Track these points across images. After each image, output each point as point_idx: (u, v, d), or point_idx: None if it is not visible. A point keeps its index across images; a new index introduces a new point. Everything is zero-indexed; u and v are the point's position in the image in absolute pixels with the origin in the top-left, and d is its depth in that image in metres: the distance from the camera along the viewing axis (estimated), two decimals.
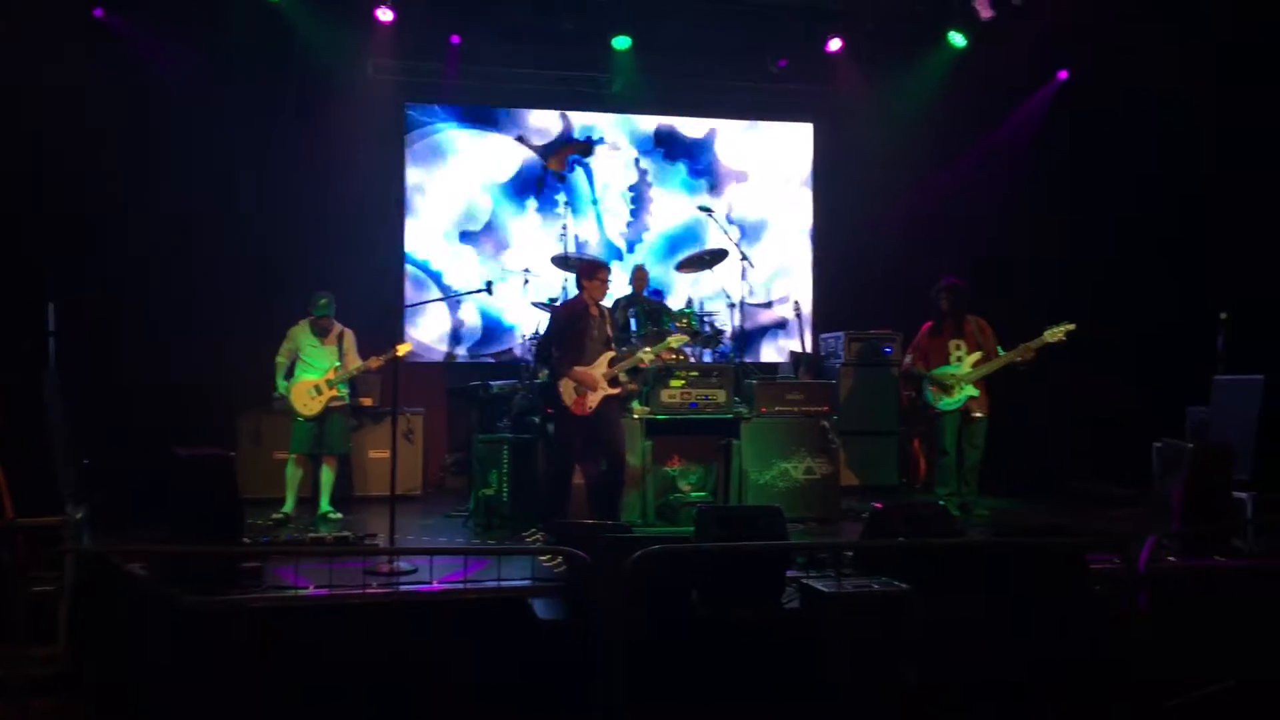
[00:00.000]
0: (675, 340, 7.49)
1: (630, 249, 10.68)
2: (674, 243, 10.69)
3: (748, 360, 9.59)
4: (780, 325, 10.90)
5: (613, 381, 7.13)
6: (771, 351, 10.93)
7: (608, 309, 7.47)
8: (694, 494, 7.84)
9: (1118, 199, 10.16)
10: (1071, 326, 7.90)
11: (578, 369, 7.02)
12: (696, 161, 10.95)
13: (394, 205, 10.20)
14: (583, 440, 7.02)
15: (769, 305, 11.04)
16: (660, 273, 10.08)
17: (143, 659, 4.59)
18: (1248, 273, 9.02)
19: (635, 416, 7.76)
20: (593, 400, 7.01)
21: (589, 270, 7.19)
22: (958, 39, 10.06)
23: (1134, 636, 4.72)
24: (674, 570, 5.12)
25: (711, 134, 10.98)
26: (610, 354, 7.18)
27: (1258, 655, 5.15)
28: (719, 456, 8.00)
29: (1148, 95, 9.59)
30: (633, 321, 8.56)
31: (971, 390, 8.14)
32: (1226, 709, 4.86)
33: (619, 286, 9.83)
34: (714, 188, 10.94)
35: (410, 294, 10.10)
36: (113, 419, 7.75)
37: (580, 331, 7.07)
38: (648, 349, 7.34)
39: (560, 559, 5.68)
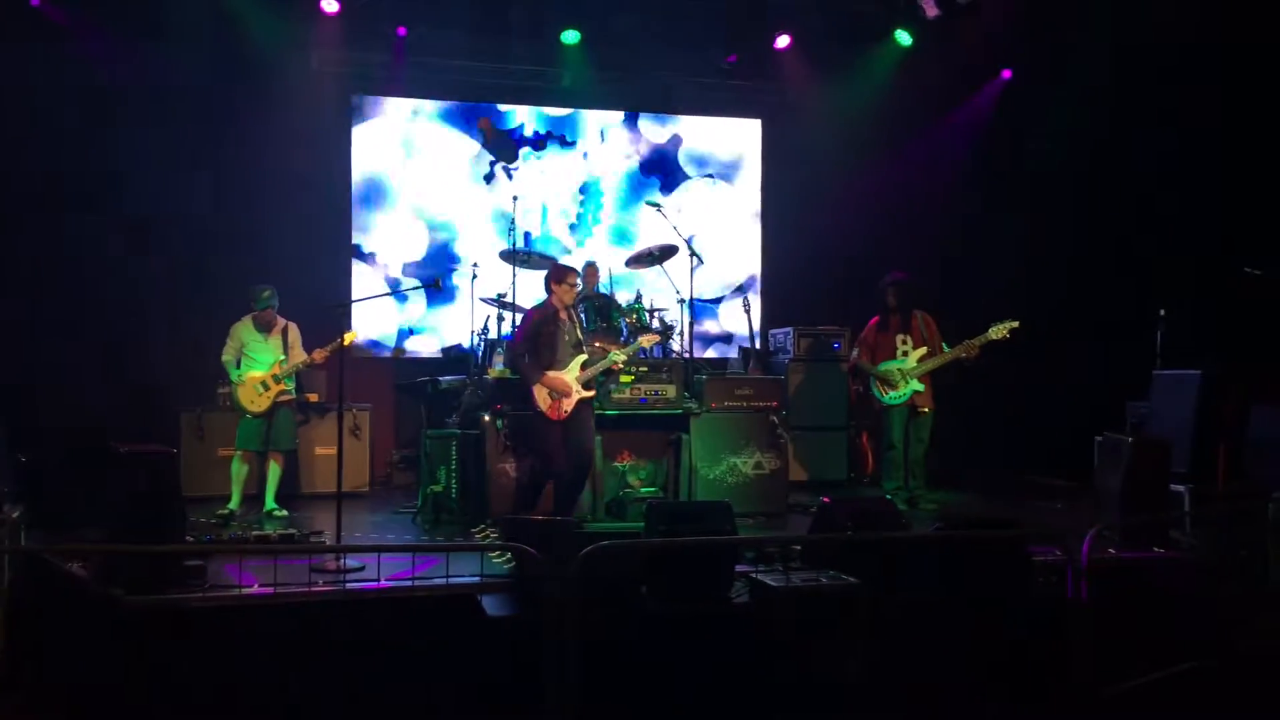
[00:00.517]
0: (646, 340, 7.50)
1: (580, 245, 10.68)
2: (623, 239, 10.69)
3: (697, 356, 9.61)
4: (727, 335, 10.93)
5: (586, 385, 7.14)
6: (720, 348, 10.98)
7: (577, 312, 7.46)
8: (644, 489, 7.85)
9: (1062, 196, 10.32)
10: (1014, 324, 8.02)
11: (550, 374, 7.02)
12: (647, 157, 10.95)
13: (340, 197, 10.10)
14: (557, 442, 7.02)
15: (718, 301, 11.08)
16: (610, 269, 10.07)
17: (83, 660, 4.51)
18: (1189, 270, 9.20)
19: None
20: (568, 405, 7.03)
21: (558, 275, 7.18)
22: (904, 37, 10.16)
23: (1074, 626, 4.78)
24: (624, 566, 5.13)
25: (661, 128, 11.00)
26: (583, 357, 7.19)
27: (1194, 645, 5.26)
28: (669, 452, 8.02)
29: (1089, 94, 9.74)
30: (582, 317, 8.55)
31: (917, 385, 8.23)
32: (1162, 698, 4.96)
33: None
34: (665, 184, 10.96)
35: (358, 288, 10.02)
36: (52, 416, 7.60)
37: (550, 335, 7.06)
38: (618, 351, 7.33)
39: (510, 555, 5.68)
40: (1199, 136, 9.30)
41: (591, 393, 7.23)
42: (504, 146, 10.59)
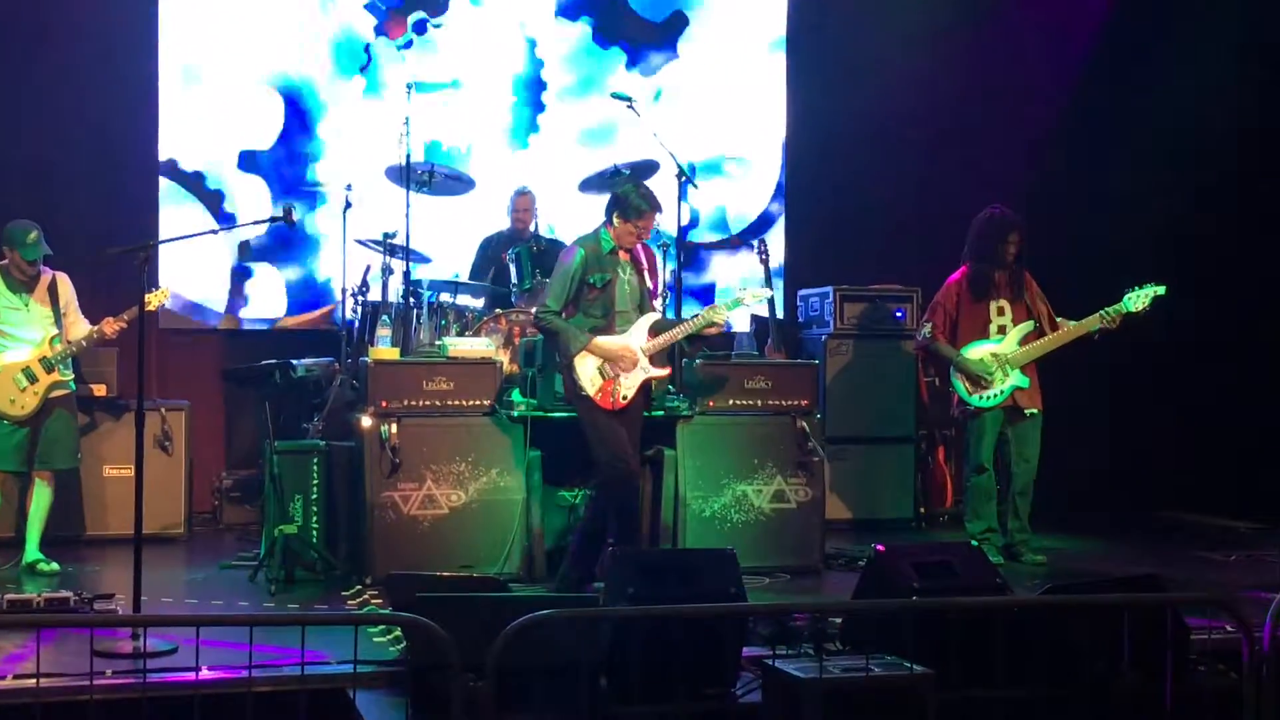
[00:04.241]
0: (753, 295, 7.50)
1: (513, 153, 10.64)
2: (579, 149, 10.65)
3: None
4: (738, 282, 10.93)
5: (657, 358, 7.20)
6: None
7: (647, 251, 7.50)
8: None
9: (1226, 108, 10.38)
10: (1159, 290, 8.06)
11: (602, 339, 7.03)
12: (609, 22, 10.91)
13: (141, 90, 10.05)
14: (623, 434, 7.12)
15: (724, 246, 11.06)
16: (558, 196, 10.05)
17: None
18: None
19: (514, 414, 7.76)
20: (629, 385, 7.07)
21: (629, 207, 7.12)
22: None
23: None
24: (574, 648, 5.11)
25: None
26: (652, 316, 7.23)
27: None
28: (643, 474, 7.97)
29: None
30: (512, 269, 8.52)
31: (1020, 379, 8.25)
32: None
33: (495, 218, 9.88)
34: (638, 63, 10.93)
35: (168, 225, 9.96)
36: None
37: (603, 285, 7.11)
38: (717, 308, 7.34)
39: (400, 632, 5.64)
40: None
41: (665, 370, 7.31)
42: (394, 12, 10.52)
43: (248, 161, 10.31)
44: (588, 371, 7.09)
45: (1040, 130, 10.90)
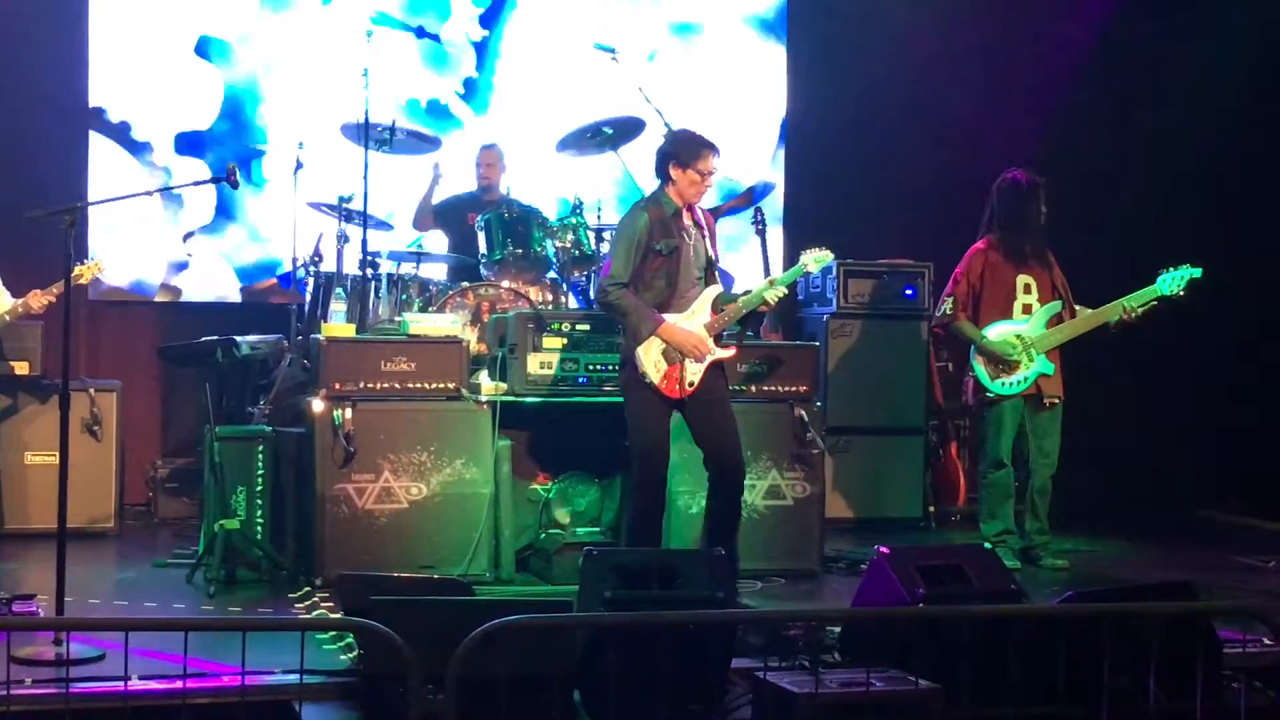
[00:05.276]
0: (814, 261, 7.40)
1: (480, 112, 10.67)
2: (555, 108, 10.66)
3: None
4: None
5: (721, 337, 7.19)
6: None
7: (708, 214, 7.47)
8: (579, 530, 7.90)
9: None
10: (1196, 273, 8.09)
11: (672, 323, 7.06)
12: None
13: (70, 35, 10.01)
14: (663, 436, 7.12)
15: (715, 213, 11.05)
16: (534, 156, 10.07)
17: None
18: None
19: (481, 399, 7.78)
20: (695, 370, 7.07)
21: (685, 152, 7.09)
22: None
23: None
24: (545, 659, 5.13)
25: None
26: (715, 290, 7.22)
27: None
28: (623, 467, 7.98)
29: None
30: (481, 238, 8.52)
31: (1045, 365, 8.29)
32: None
33: (458, 176, 9.88)
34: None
35: (101, 184, 9.96)
36: None
37: (669, 254, 7.08)
38: (776, 280, 7.34)
39: (352, 640, 5.66)
40: None
41: (731, 351, 7.26)
42: None
43: (186, 143, 10.30)
44: (652, 356, 7.04)
45: (1058, 95, 10.90)
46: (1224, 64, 10.36)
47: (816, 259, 7.36)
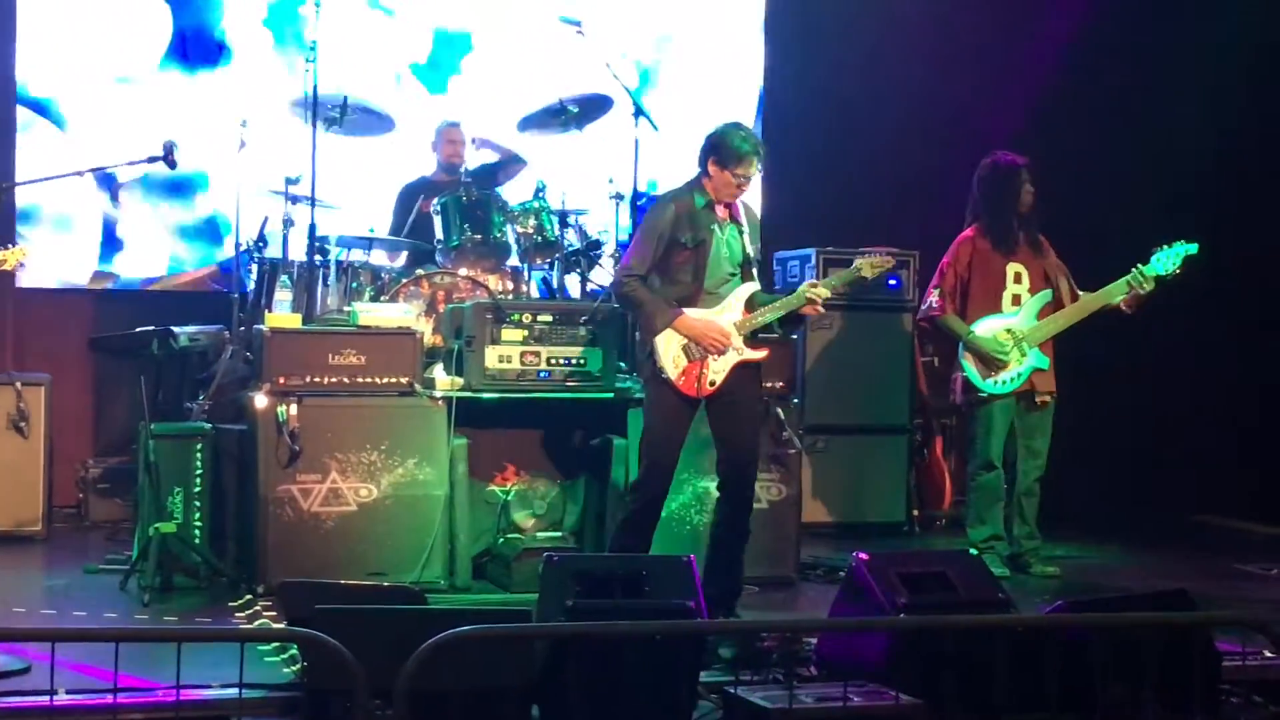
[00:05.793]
0: (871, 266, 7.34)
1: (439, 90, 10.68)
2: (518, 86, 10.64)
3: None
4: None
5: (753, 337, 7.16)
6: None
7: (749, 209, 7.43)
8: (540, 534, 7.91)
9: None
10: (1192, 249, 8.12)
11: (691, 315, 7.02)
12: None
13: None
14: (677, 438, 7.11)
15: None
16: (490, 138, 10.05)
17: None
18: None
19: (436, 395, 7.78)
20: (718, 369, 7.04)
21: (727, 152, 7.03)
22: None
23: None
24: (501, 672, 5.13)
25: None
26: (751, 287, 7.19)
27: None
28: (587, 468, 8.04)
29: None
30: (437, 223, 8.50)
31: (1039, 359, 8.30)
32: None
33: (417, 161, 9.85)
34: None
35: (29, 165, 9.90)
36: None
37: (695, 247, 7.07)
38: (816, 283, 7.28)
39: (296, 651, 5.64)
40: None
41: (762, 353, 7.21)
42: None
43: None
44: (670, 350, 7.00)
45: (1046, 75, 10.98)
46: (1216, 52, 10.41)
47: (874, 265, 7.31)
